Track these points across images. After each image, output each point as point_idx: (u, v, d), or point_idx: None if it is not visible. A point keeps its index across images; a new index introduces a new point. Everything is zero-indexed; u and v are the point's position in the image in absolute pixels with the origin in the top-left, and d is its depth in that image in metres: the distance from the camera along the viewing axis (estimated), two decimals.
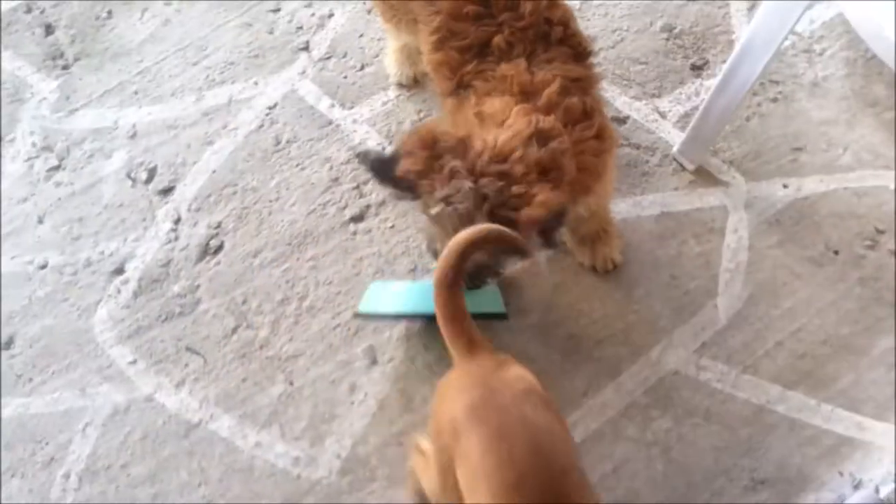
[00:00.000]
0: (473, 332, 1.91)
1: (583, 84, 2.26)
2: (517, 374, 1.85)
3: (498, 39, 2.22)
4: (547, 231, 2.06)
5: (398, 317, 2.64)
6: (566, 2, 2.40)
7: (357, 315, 2.66)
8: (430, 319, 2.25)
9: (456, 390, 1.85)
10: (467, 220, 1.95)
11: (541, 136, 2.04)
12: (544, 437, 1.75)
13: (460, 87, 2.27)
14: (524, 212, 1.97)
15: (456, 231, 1.89)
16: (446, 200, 1.99)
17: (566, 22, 2.31)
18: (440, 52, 2.30)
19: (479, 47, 2.24)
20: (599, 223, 2.66)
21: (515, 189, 1.97)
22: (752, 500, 2.42)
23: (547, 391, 1.86)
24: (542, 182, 2.01)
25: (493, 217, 1.95)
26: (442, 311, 1.90)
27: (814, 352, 2.60)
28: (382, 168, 2.14)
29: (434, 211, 2.02)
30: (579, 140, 2.16)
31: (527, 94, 2.15)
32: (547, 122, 2.07)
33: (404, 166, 2.06)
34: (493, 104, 2.15)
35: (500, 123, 2.09)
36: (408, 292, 2.60)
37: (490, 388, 1.81)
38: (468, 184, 1.97)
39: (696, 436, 2.50)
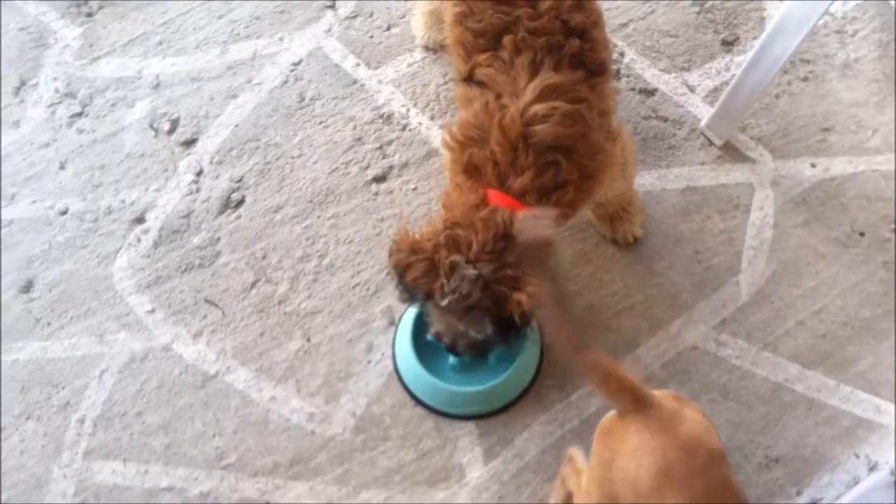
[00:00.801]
0: (634, 385, 1.81)
1: (575, 137, 2.16)
2: (700, 429, 1.80)
3: (508, 40, 2.18)
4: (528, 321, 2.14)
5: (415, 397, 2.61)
6: (596, 2, 2.35)
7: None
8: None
9: (638, 450, 1.76)
10: (468, 298, 2.07)
11: (507, 239, 2.07)
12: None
13: (471, 78, 2.25)
14: (517, 297, 2.05)
15: (458, 314, 2.11)
16: (453, 290, 2.07)
17: (585, 30, 2.23)
18: (459, 27, 2.27)
19: (493, 35, 2.21)
20: (620, 203, 2.64)
21: (511, 272, 2.06)
22: (766, 477, 2.42)
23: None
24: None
25: (487, 291, 2.06)
26: (598, 384, 1.83)
27: (834, 333, 2.59)
28: (404, 291, 2.22)
29: (444, 303, 2.10)
30: (554, 204, 2.15)
31: (503, 176, 2.13)
32: (511, 224, 2.06)
33: (410, 278, 2.13)
34: (462, 198, 2.14)
35: (467, 222, 2.10)
36: (429, 388, 2.56)
37: (682, 449, 1.75)
38: (471, 271, 2.04)
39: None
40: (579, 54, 2.20)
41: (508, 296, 2.05)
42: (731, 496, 1.76)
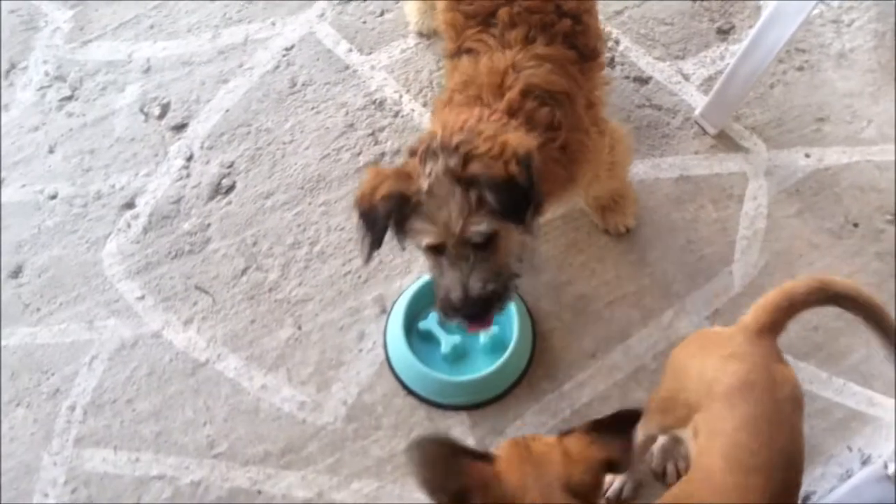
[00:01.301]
0: (783, 322, 1.93)
1: (561, 99, 2.13)
2: (793, 378, 1.86)
3: (503, 12, 2.16)
4: (529, 170, 1.96)
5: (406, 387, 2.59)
6: None
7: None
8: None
9: (731, 355, 1.85)
10: (454, 173, 1.93)
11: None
12: (797, 451, 1.78)
13: (459, 52, 2.23)
14: (507, 141, 1.93)
15: (448, 208, 1.94)
16: (431, 189, 1.94)
17: (578, 15, 2.22)
18: (451, 11, 2.26)
19: (486, 16, 2.19)
20: (612, 194, 2.63)
21: (483, 144, 1.93)
22: None
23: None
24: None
25: (467, 170, 1.92)
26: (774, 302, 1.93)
27: (827, 325, 2.58)
28: (372, 231, 2.07)
29: (426, 186, 1.95)
30: (541, 145, 2.05)
31: (494, 95, 2.08)
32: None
33: (380, 196, 1.99)
34: (450, 118, 2.05)
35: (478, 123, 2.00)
36: (421, 378, 2.54)
37: (772, 377, 1.81)
38: (441, 161, 1.92)
39: None
40: (571, 35, 2.19)
41: (497, 151, 1.93)
42: (793, 441, 1.78)
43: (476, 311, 2.07)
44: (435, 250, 2.06)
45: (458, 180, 1.93)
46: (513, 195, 1.93)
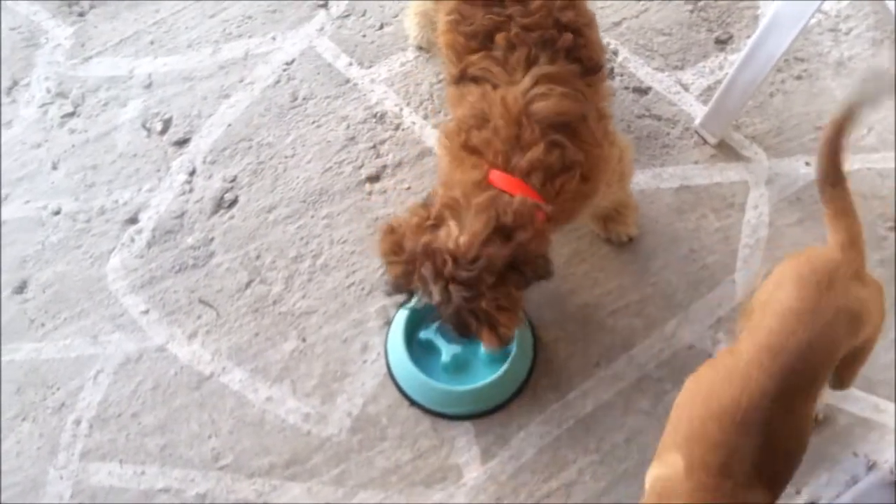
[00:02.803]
0: (855, 232, 2.06)
1: (576, 122, 2.15)
2: (861, 296, 1.93)
3: (500, 37, 2.16)
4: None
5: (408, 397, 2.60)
6: (588, 4, 2.33)
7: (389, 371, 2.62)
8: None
9: (807, 259, 1.99)
10: (440, 311, 2.05)
11: (503, 232, 2.01)
12: (823, 351, 1.84)
13: (463, 78, 2.23)
14: (487, 334, 2.03)
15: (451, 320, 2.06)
16: (428, 297, 2.04)
17: (578, 28, 2.22)
18: (450, 34, 2.25)
19: (485, 36, 2.19)
20: (615, 203, 2.63)
21: (485, 305, 1.99)
22: None
23: (877, 328, 2.01)
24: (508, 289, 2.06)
25: (456, 316, 2.02)
26: (828, 208, 2.09)
27: None
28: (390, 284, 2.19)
29: (419, 306, 2.12)
30: (559, 191, 2.11)
31: (509, 153, 2.09)
32: (508, 214, 2.00)
33: (391, 273, 2.09)
34: (463, 176, 2.09)
35: (466, 204, 2.03)
36: (422, 388, 2.55)
37: (830, 285, 1.89)
38: (436, 294, 1.99)
39: None
40: (574, 49, 2.18)
41: (478, 329, 2.03)
42: (822, 335, 1.85)
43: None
44: None
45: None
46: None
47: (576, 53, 2.19)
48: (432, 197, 2.10)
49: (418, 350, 2.54)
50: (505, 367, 2.48)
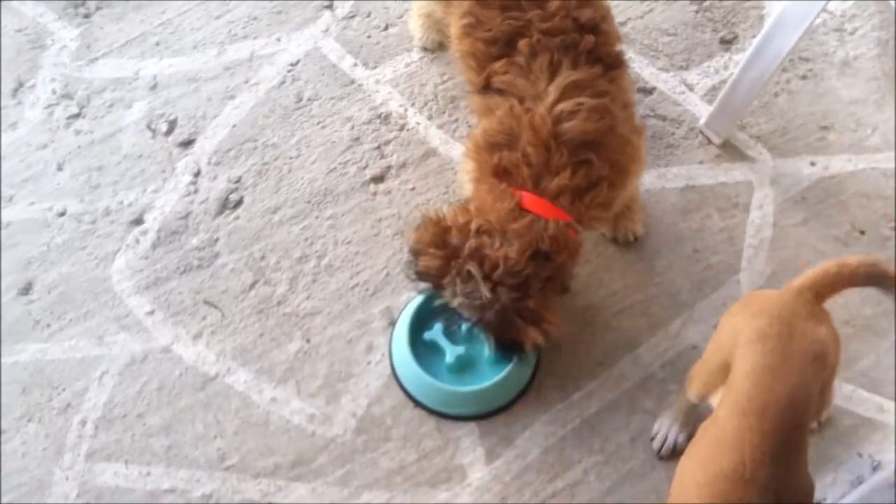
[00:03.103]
0: (827, 289, 2.05)
1: (602, 133, 2.16)
2: (821, 336, 1.93)
3: (523, 44, 2.17)
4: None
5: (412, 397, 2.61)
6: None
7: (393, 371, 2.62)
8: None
9: (758, 310, 1.96)
10: (482, 310, 2.08)
11: (541, 255, 2.08)
12: (802, 401, 1.84)
13: (488, 88, 2.23)
14: (532, 333, 2.09)
15: (475, 315, 2.13)
16: (466, 295, 2.07)
17: (596, 24, 2.23)
18: (468, 39, 2.26)
19: (506, 41, 2.19)
20: (623, 202, 2.63)
21: (532, 304, 2.07)
22: None
23: (837, 360, 2.00)
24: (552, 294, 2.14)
25: (501, 316, 2.07)
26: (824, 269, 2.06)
27: None
28: (412, 271, 2.22)
29: (455, 302, 2.11)
30: (588, 205, 2.17)
31: (538, 177, 2.13)
32: (546, 240, 2.07)
33: (423, 265, 2.12)
34: (497, 203, 2.13)
35: (501, 230, 2.09)
36: (426, 388, 2.55)
37: (791, 331, 1.90)
38: (486, 292, 2.04)
39: None
40: (595, 49, 2.20)
41: (523, 328, 2.06)
42: (796, 387, 1.85)
43: None
44: None
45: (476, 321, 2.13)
46: (509, 351, 2.22)
47: (597, 53, 2.21)
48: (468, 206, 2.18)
49: (422, 351, 2.54)
50: (509, 368, 2.47)
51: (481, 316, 2.09)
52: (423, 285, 2.23)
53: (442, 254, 2.09)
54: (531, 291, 2.06)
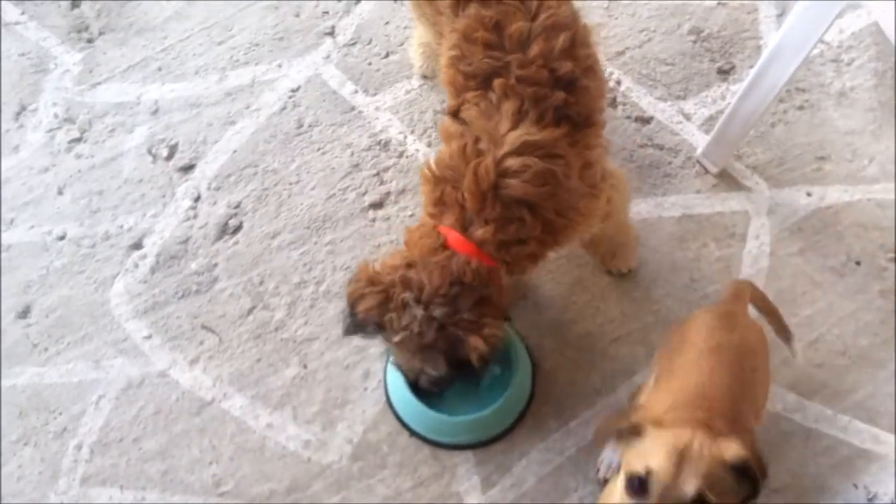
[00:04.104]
0: (742, 289, 2.36)
1: (542, 200, 2.14)
2: (751, 336, 2.18)
3: (498, 84, 2.15)
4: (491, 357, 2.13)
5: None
6: (590, 50, 2.32)
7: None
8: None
9: (707, 316, 2.21)
10: (420, 337, 2.07)
11: (465, 284, 2.09)
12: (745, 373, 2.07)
13: (456, 116, 2.23)
14: (473, 341, 2.05)
15: (413, 351, 2.13)
16: (405, 327, 2.07)
17: (574, 79, 2.20)
18: (451, 69, 2.26)
19: (484, 78, 2.19)
20: (612, 241, 2.64)
21: (467, 315, 2.06)
22: None
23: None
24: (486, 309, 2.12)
25: (441, 332, 2.06)
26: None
27: (832, 362, 2.59)
28: (350, 324, 2.21)
29: (397, 339, 2.10)
30: (514, 256, 2.17)
31: (469, 222, 2.14)
32: (468, 274, 2.08)
33: (362, 309, 2.12)
34: (422, 240, 2.16)
35: (423, 263, 2.11)
36: (422, 418, 2.54)
37: (732, 326, 2.16)
38: (420, 311, 2.04)
39: None
40: (564, 107, 2.17)
41: (464, 339, 2.05)
42: (752, 384, 2.09)
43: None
44: None
45: (421, 346, 2.11)
46: (463, 372, 2.15)
47: (565, 111, 2.18)
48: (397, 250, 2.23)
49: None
50: (504, 396, 2.48)
51: (425, 339, 2.08)
52: (366, 330, 2.21)
53: (378, 290, 2.10)
54: (461, 307, 2.06)
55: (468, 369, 2.10)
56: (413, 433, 2.53)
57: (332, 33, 3.27)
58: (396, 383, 2.52)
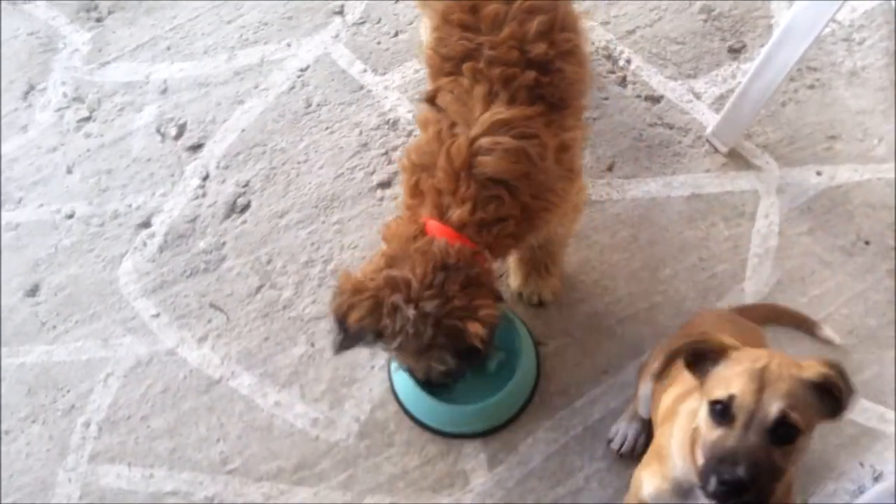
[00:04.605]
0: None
1: (518, 178, 2.12)
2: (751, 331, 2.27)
3: (467, 67, 2.15)
4: (491, 338, 2.08)
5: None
6: (573, 34, 2.29)
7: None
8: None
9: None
10: (418, 337, 2.02)
11: (449, 267, 2.04)
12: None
13: (432, 102, 2.22)
14: (472, 327, 2.00)
15: (415, 353, 2.07)
16: (400, 331, 2.01)
17: (548, 61, 2.18)
18: (430, 50, 2.26)
19: (459, 60, 2.17)
20: (545, 258, 2.58)
21: (458, 302, 2.01)
22: None
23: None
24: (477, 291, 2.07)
25: (438, 327, 2.01)
26: None
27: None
28: (343, 339, 2.13)
29: (395, 345, 2.05)
30: (495, 236, 2.13)
31: (446, 207, 2.10)
32: (451, 256, 2.03)
33: (355, 320, 2.05)
34: (400, 229, 2.12)
35: (404, 254, 2.06)
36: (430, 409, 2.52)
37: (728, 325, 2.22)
38: (412, 311, 1.99)
39: None
40: (536, 87, 2.15)
41: (462, 328, 2.01)
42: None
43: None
44: None
45: (422, 347, 2.05)
46: (471, 359, 2.08)
47: (538, 91, 2.16)
48: (374, 256, 2.15)
49: None
50: (511, 383, 2.47)
51: (424, 339, 2.04)
52: (362, 341, 2.14)
53: (366, 297, 2.04)
54: (450, 293, 2.02)
55: (475, 354, 2.06)
56: (424, 426, 2.53)
57: (341, 12, 3.26)
58: (402, 379, 2.53)
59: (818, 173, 2.85)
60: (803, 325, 2.57)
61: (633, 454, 2.40)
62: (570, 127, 2.24)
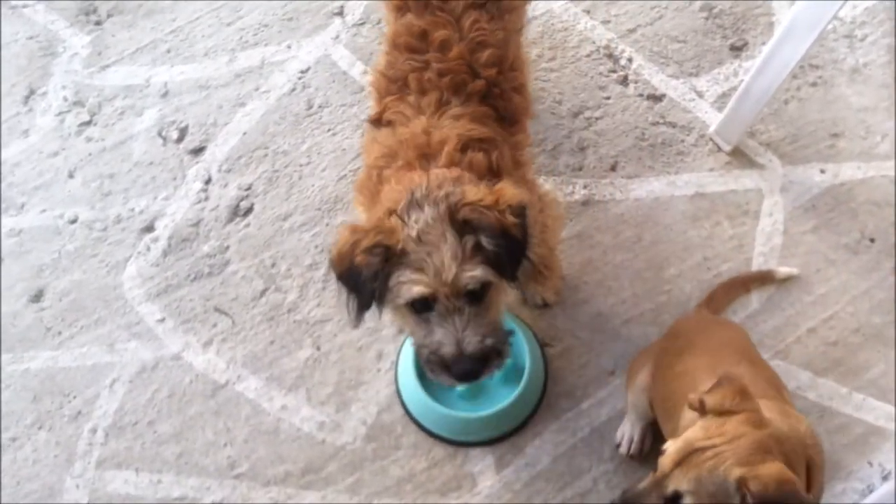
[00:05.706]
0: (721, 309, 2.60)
1: (489, 145, 2.09)
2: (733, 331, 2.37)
3: (412, 78, 2.14)
4: (524, 222, 1.94)
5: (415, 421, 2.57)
6: (526, 70, 2.31)
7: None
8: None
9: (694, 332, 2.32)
10: (450, 216, 1.87)
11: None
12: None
13: (379, 122, 2.20)
14: (495, 215, 1.86)
15: (443, 235, 1.86)
16: (420, 237, 1.86)
17: (497, 83, 2.18)
18: (375, 74, 2.27)
19: (404, 81, 2.17)
20: (540, 260, 2.50)
21: (472, 193, 1.89)
22: None
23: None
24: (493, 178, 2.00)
25: (460, 216, 1.86)
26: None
27: (845, 340, 2.58)
28: (356, 293, 1.97)
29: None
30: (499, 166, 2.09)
31: (426, 157, 2.03)
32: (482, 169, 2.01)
33: (362, 252, 1.88)
34: (391, 195, 1.98)
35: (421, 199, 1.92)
36: (429, 412, 2.51)
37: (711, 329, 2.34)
38: (429, 208, 1.86)
39: None
40: (488, 96, 2.15)
41: (491, 200, 1.88)
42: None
43: (470, 367, 1.96)
44: (421, 306, 1.95)
45: (451, 225, 1.86)
46: (509, 245, 1.88)
47: (490, 100, 2.16)
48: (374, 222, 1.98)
49: (432, 383, 2.42)
50: (521, 387, 2.47)
51: (453, 215, 1.87)
52: (373, 278, 1.92)
53: (370, 227, 1.90)
54: (466, 188, 1.90)
55: (514, 246, 1.90)
56: (433, 435, 2.52)
57: (340, 13, 3.26)
58: (412, 391, 2.52)
59: (822, 171, 2.85)
60: (764, 281, 2.68)
61: (641, 455, 2.40)
62: (521, 144, 2.25)
